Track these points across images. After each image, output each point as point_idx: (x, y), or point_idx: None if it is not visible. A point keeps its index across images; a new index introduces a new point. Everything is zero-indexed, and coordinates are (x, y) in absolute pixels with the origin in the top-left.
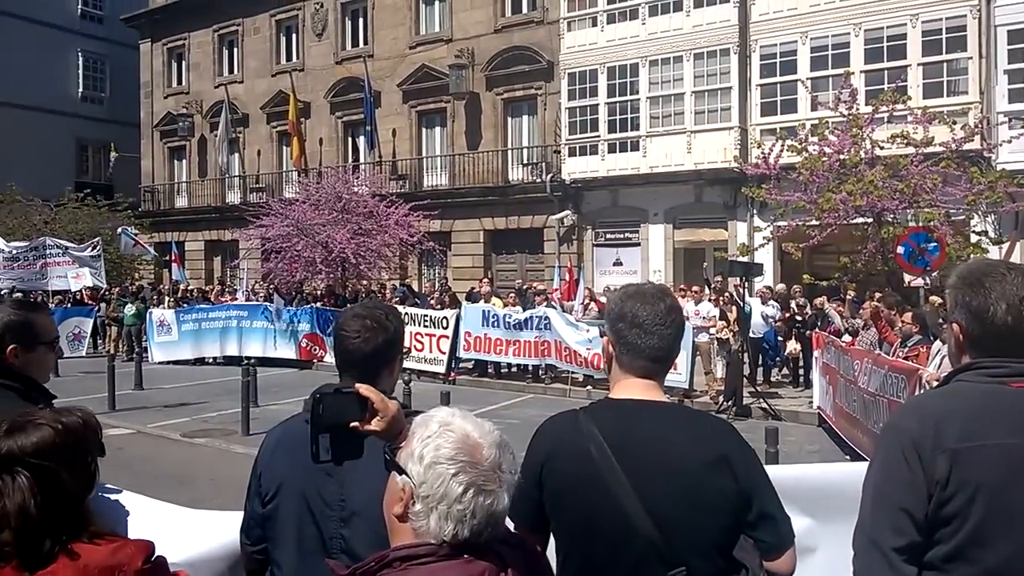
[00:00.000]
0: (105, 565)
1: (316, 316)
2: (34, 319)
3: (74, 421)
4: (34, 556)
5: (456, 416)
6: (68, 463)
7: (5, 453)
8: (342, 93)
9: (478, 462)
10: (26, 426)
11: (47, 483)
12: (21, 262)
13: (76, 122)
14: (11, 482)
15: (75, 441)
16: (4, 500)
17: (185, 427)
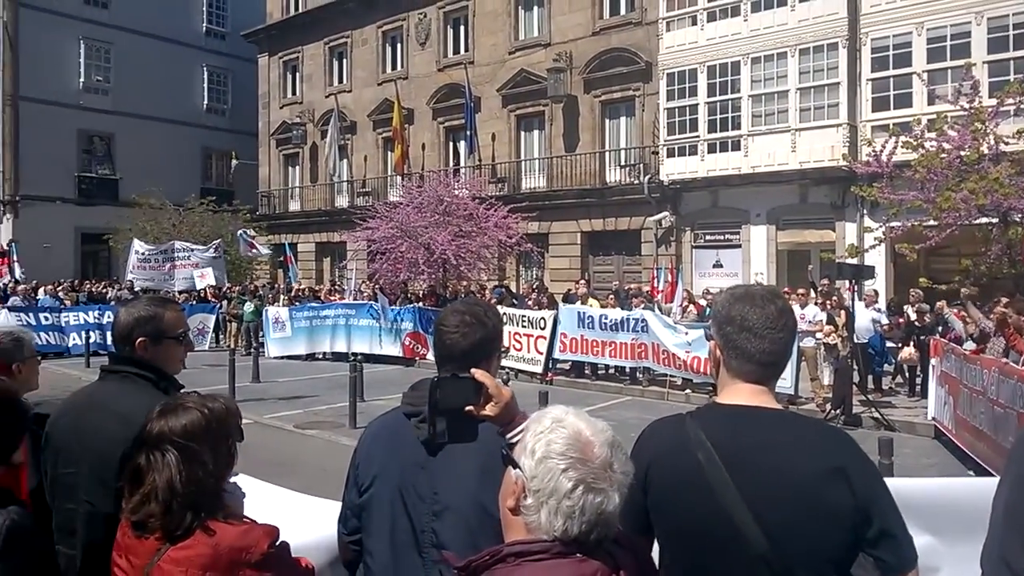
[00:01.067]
0: (235, 545)
1: (419, 315)
2: (161, 314)
3: (219, 407)
4: (176, 529)
5: (569, 413)
6: (211, 445)
7: (156, 433)
8: (444, 99)
9: (588, 459)
10: (177, 409)
11: (191, 462)
12: (152, 263)
13: (202, 132)
14: (160, 459)
15: (218, 425)
16: (154, 475)
17: (298, 419)
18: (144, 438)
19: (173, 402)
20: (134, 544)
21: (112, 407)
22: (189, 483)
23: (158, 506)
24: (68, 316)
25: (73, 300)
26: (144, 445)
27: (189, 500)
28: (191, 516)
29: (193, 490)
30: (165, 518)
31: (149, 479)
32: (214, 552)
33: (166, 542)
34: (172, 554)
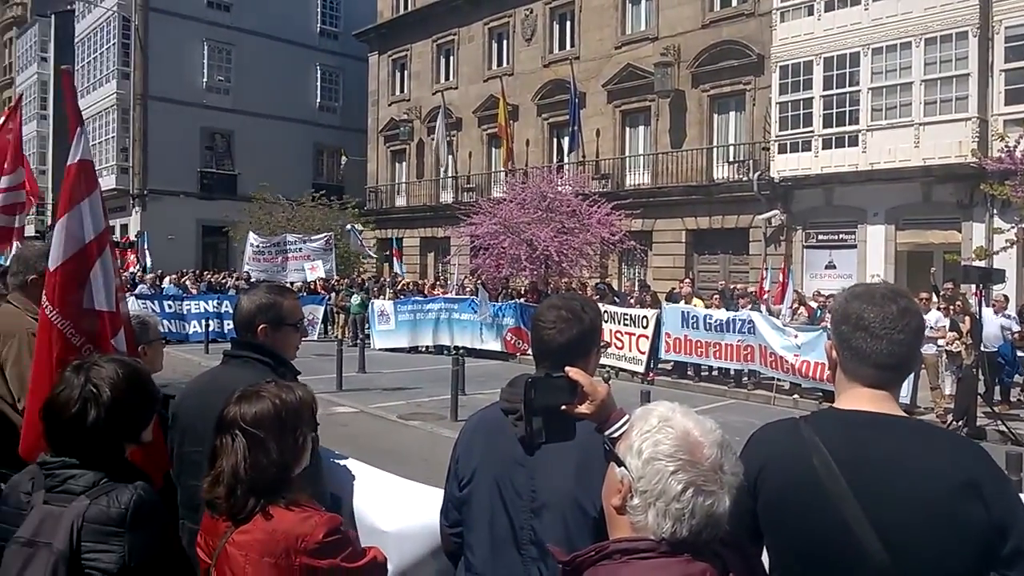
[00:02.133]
0: (291, 532)
1: (520, 311)
2: (281, 302)
3: (293, 398)
4: (238, 513)
5: (677, 412)
6: (278, 434)
7: (229, 418)
8: (548, 95)
9: (698, 461)
10: (252, 396)
11: (256, 449)
12: (266, 255)
13: (314, 129)
14: (230, 444)
15: (288, 416)
16: (223, 459)
17: (401, 409)
18: (219, 421)
19: (250, 389)
20: (210, 524)
21: (234, 390)
22: (252, 469)
23: (224, 489)
24: (189, 304)
25: (196, 289)
26: (219, 428)
27: (251, 486)
28: (253, 501)
29: (255, 476)
30: (228, 501)
31: (219, 462)
32: (270, 538)
33: (232, 525)
34: (236, 537)
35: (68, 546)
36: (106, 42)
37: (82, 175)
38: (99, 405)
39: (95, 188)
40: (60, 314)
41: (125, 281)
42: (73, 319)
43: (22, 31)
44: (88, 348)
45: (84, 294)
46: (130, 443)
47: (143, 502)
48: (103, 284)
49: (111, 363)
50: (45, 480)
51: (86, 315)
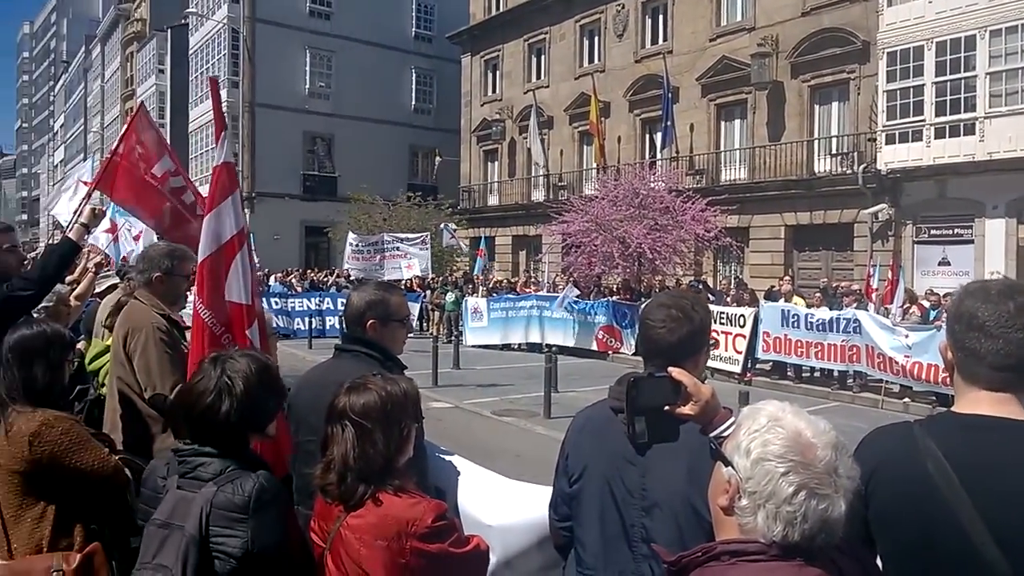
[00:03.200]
0: (401, 517)
1: (612, 309)
2: (389, 299)
3: (397, 390)
4: (349, 499)
5: (787, 411)
6: (384, 425)
7: (339, 408)
8: (641, 91)
9: (810, 463)
10: (360, 388)
11: (364, 439)
12: (364, 254)
13: (409, 131)
14: (340, 433)
15: (394, 408)
16: (333, 447)
17: (494, 406)
18: (330, 411)
19: (359, 381)
20: (324, 509)
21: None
22: (360, 458)
23: (335, 476)
24: (294, 302)
25: (301, 288)
26: (329, 418)
27: (360, 473)
28: (363, 488)
29: (363, 465)
30: (340, 488)
31: (330, 450)
32: (383, 522)
33: (345, 510)
34: (349, 521)
35: (198, 530)
36: (217, 53)
37: (225, 175)
38: (232, 397)
39: (236, 188)
40: (204, 305)
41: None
42: (215, 310)
43: (142, 45)
44: (228, 338)
45: (225, 287)
46: (256, 435)
47: (264, 490)
48: (241, 278)
49: (245, 357)
50: (179, 466)
51: (226, 307)
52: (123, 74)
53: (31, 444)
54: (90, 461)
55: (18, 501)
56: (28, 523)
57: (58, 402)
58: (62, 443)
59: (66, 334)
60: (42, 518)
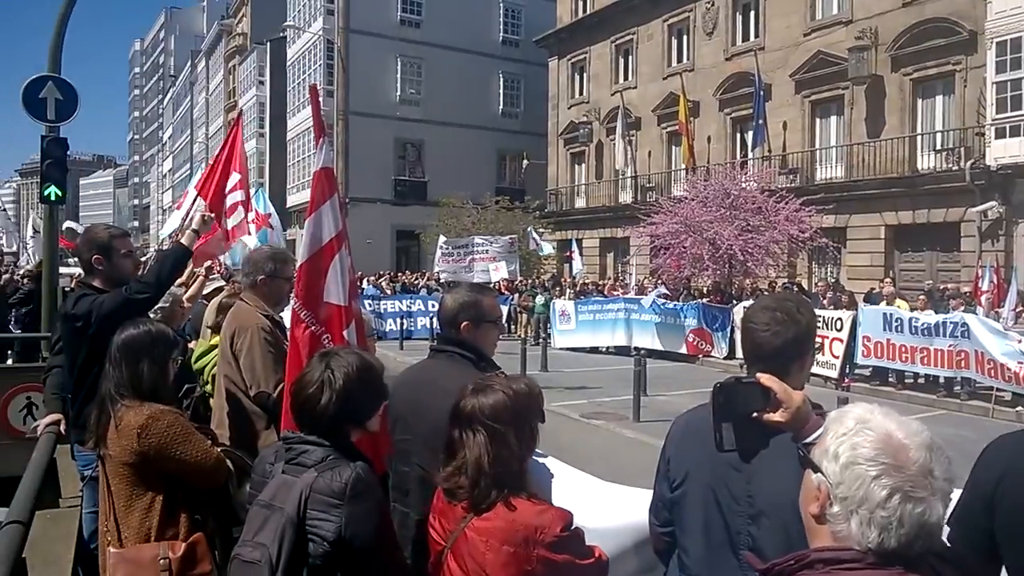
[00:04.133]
0: (531, 523)
1: (702, 312)
2: (482, 300)
3: (523, 389)
4: (481, 503)
5: (876, 413)
6: (515, 426)
7: (468, 411)
8: (731, 89)
9: (903, 465)
10: (486, 389)
11: (498, 442)
12: (454, 257)
13: (497, 135)
14: (471, 437)
15: (522, 407)
16: (465, 451)
17: (583, 408)
18: (457, 414)
19: (483, 382)
20: (446, 509)
21: (440, 383)
22: (496, 463)
23: (467, 480)
24: (386, 304)
25: (392, 290)
26: (457, 420)
27: (495, 479)
28: (496, 492)
29: (499, 470)
30: (473, 492)
31: (461, 454)
32: (511, 527)
33: (471, 512)
34: (476, 523)
35: (296, 512)
36: (313, 63)
37: (324, 180)
38: (332, 390)
39: (335, 192)
40: (303, 305)
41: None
42: (314, 311)
43: (243, 58)
44: (327, 338)
45: (323, 288)
46: (355, 428)
47: (360, 479)
48: (339, 280)
49: (351, 355)
50: (285, 453)
51: (324, 308)
52: (226, 86)
53: (139, 437)
54: (194, 453)
55: (128, 491)
56: (138, 512)
57: (164, 398)
58: (167, 436)
59: (170, 333)
60: (150, 508)
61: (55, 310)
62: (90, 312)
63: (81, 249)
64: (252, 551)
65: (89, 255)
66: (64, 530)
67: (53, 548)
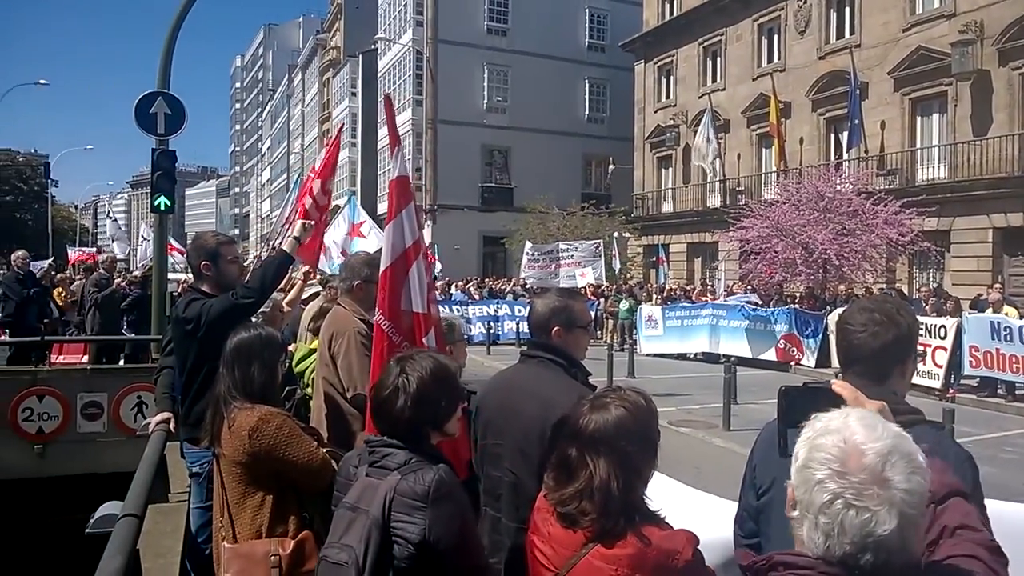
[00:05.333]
0: (663, 548)
1: (795, 318)
2: (573, 305)
3: (643, 406)
4: (610, 531)
5: (852, 415)
6: (640, 446)
7: (591, 430)
8: (824, 89)
9: (850, 471)
10: (608, 406)
11: (625, 466)
12: (540, 263)
13: (583, 141)
14: (596, 459)
15: (644, 423)
16: (588, 473)
17: (672, 416)
18: (577, 432)
19: (601, 398)
20: (559, 533)
21: (532, 389)
22: (624, 489)
23: (593, 506)
24: (474, 309)
25: (479, 295)
26: (576, 439)
27: (624, 505)
28: (625, 521)
29: (629, 496)
30: (601, 520)
31: (583, 476)
32: (642, 554)
33: (596, 541)
34: (602, 551)
35: (381, 514)
36: (403, 74)
37: (401, 189)
38: (406, 393)
39: (411, 200)
40: (383, 315)
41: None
42: (393, 319)
43: (336, 71)
44: (406, 345)
45: (402, 296)
46: (434, 431)
47: (443, 482)
48: (417, 287)
49: (425, 358)
50: (369, 456)
51: (403, 315)
52: (320, 99)
53: (250, 437)
54: (301, 455)
55: (241, 489)
56: (249, 510)
57: (273, 399)
58: (277, 437)
59: (278, 337)
60: (261, 506)
61: (164, 314)
62: (199, 316)
63: (191, 256)
64: (339, 553)
65: (198, 261)
66: (173, 524)
67: (163, 541)
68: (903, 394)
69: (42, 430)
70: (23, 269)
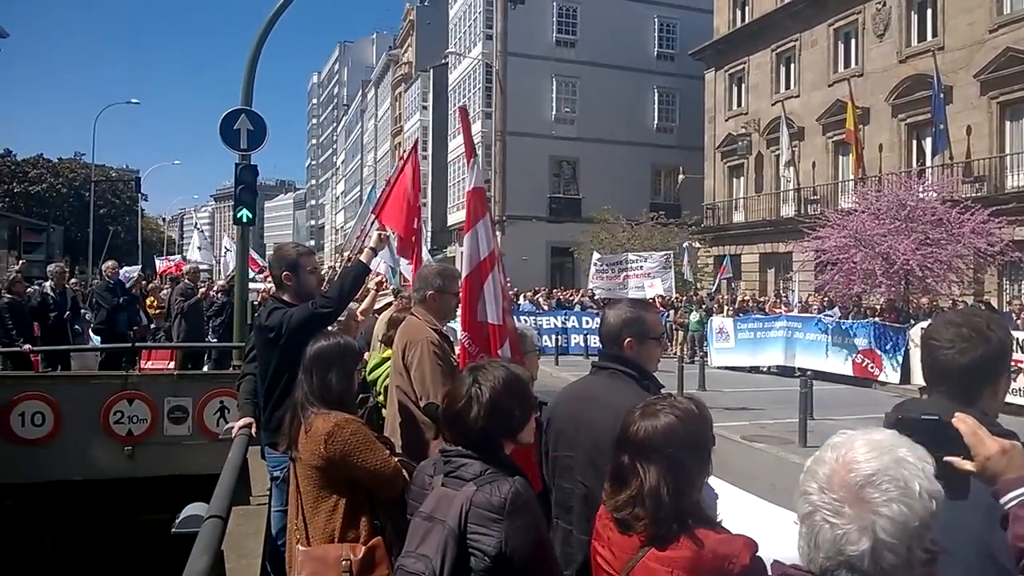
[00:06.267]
0: (719, 552)
1: (874, 331)
2: (645, 316)
3: (695, 413)
4: (662, 535)
5: (868, 435)
6: (691, 452)
7: (641, 438)
8: (905, 93)
9: (830, 487)
10: (658, 414)
11: (675, 472)
12: (608, 273)
13: (651, 150)
14: (646, 466)
15: (696, 432)
16: (638, 480)
17: (744, 430)
18: (626, 439)
19: (652, 405)
20: (617, 538)
21: (604, 400)
22: (675, 495)
23: (645, 512)
24: (541, 320)
25: (548, 306)
26: (627, 446)
27: (675, 511)
28: (677, 526)
29: (678, 501)
30: (653, 526)
31: (635, 482)
32: (698, 557)
33: (650, 545)
34: (657, 553)
35: (458, 525)
36: (472, 87)
37: (477, 200)
38: (480, 403)
39: (486, 212)
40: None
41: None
42: (471, 330)
43: (408, 85)
44: (482, 357)
45: (478, 307)
46: (508, 441)
47: (519, 494)
48: (493, 298)
49: (497, 368)
50: (444, 466)
51: (479, 327)
52: (392, 112)
53: (326, 443)
54: (374, 461)
55: (316, 493)
56: (323, 514)
57: (349, 406)
58: (351, 443)
59: (355, 346)
60: (335, 510)
61: (245, 322)
62: (281, 324)
63: (273, 266)
64: (415, 562)
65: (280, 271)
66: (254, 526)
67: (245, 542)
68: (995, 414)
69: (131, 432)
70: (112, 278)
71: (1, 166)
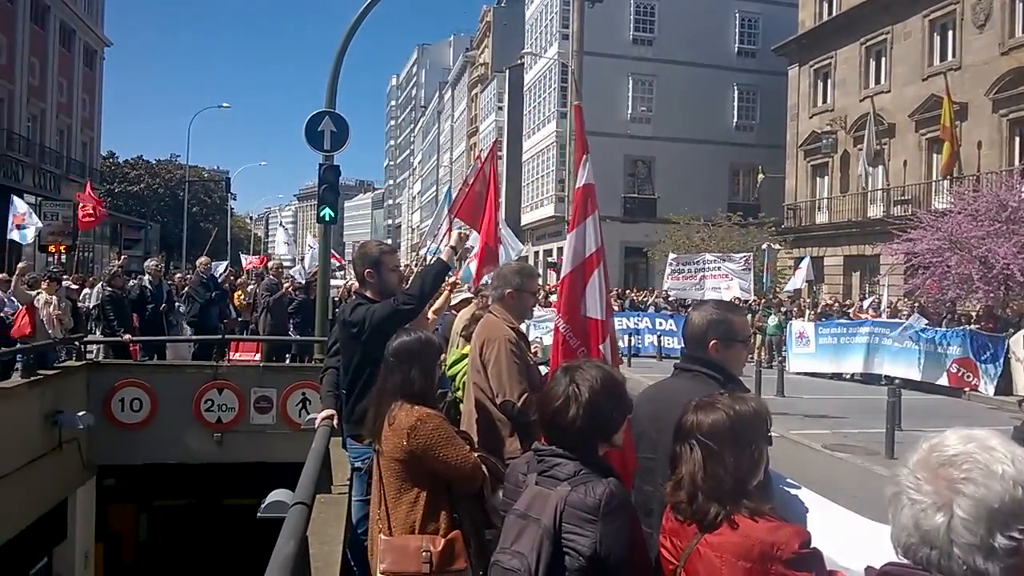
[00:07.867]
0: (765, 539)
1: (970, 339)
2: (732, 318)
3: (746, 410)
4: (702, 518)
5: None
6: (733, 446)
7: (687, 427)
8: (1008, 87)
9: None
10: (707, 407)
11: (712, 460)
12: (684, 274)
13: (730, 149)
14: (688, 452)
15: (742, 428)
16: (682, 465)
17: (826, 439)
18: (678, 429)
19: (706, 400)
20: (677, 528)
21: (685, 402)
22: (708, 479)
23: (684, 495)
24: (613, 320)
25: (620, 307)
26: (678, 435)
27: (709, 494)
28: (715, 508)
29: (713, 486)
30: (690, 507)
31: (679, 468)
32: (746, 542)
33: (702, 531)
34: (709, 539)
35: (553, 524)
36: (547, 88)
37: (587, 197)
38: (578, 404)
39: (595, 209)
40: (563, 319)
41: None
42: (572, 324)
43: (484, 86)
44: (583, 351)
45: (583, 302)
46: (603, 442)
47: (614, 495)
48: (598, 294)
49: (594, 368)
50: (538, 464)
51: (582, 321)
52: (468, 113)
53: (408, 436)
54: (455, 456)
55: (398, 485)
56: (405, 505)
57: (430, 401)
58: (433, 437)
59: (436, 341)
60: (416, 502)
61: (327, 317)
62: (364, 320)
63: (356, 263)
64: (511, 559)
65: (362, 269)
66: (335, 514)
67: (327, 529)
68: None
69: (220, 420)
70: (206, 274)
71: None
